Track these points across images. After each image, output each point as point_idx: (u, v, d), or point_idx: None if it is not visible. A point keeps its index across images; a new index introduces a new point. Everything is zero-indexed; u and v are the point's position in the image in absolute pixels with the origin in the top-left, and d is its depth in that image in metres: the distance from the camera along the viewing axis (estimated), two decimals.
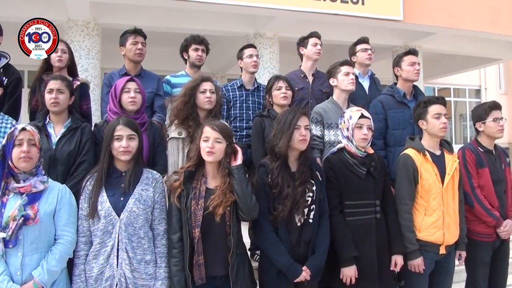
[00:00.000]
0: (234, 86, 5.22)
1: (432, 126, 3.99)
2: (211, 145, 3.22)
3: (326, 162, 3.87)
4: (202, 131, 3.32)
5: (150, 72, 5.09)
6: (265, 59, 9.39)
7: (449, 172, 3.96)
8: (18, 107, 4.65)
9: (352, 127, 3.77)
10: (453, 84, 16.60)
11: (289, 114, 3.56)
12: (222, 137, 3.25)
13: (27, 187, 3.06)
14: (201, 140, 3.30)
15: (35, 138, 3.12)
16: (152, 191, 3.31)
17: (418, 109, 4.10)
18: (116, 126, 3.28)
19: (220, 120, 4.06)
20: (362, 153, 3.80)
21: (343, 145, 3.87)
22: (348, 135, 3.81)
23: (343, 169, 3.76)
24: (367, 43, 5.66)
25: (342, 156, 3.82)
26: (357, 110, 3.86)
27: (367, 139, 3.76)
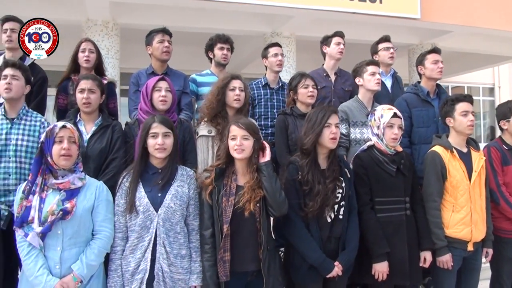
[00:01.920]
0: (259, 84, 5.28)
1: (459, 124, 4.02)
2: (239, 143, 3.28)
3: (356, 159, 3.90)
4: (229, 130, 3.38)
5: (176, 70, 5.13)
6: None
7: (476, 169, 4.00)
8: (44, 105, 4.72)
9: (383, 126, 3.80)
10: (466, 83, 16.56)
11: (319, 112, 3.61)
12: (248, 134, 3.30)
13: (65, 183, 3.11)
14: (229, 139, 3.35)
15: (75, 136, 3.17)
16: (187, 187, 3.37)
17: (445, 107, 4.13)
18: (151, 123, 3.33)
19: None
20: (392, 151, 3.84)
21: (372, 142, 3.91)
22: (378, 133, 3.85)
23: (374, 166, 3.80)
24: (389, 42, 5.67)
25: (372, 153, 3.86)
26: (388, 109, 3.90)
27: (397, 139, 3.81)
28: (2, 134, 3.76)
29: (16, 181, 3.70)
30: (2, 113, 3.84)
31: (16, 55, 4.66)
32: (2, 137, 3.75)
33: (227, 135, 3.39)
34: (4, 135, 3.76)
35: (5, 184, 3.71)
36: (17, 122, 3.83)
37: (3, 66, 3.91)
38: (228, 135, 3.36)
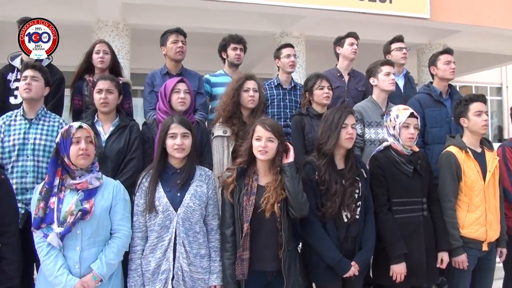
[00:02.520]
0: (271, 85, 5.28)
1: (473, 124, 4.03)
2: (264, 144, 3.29)
3: (373, 160, 3.90)
4: (254, 129, 3.38)
5: (191, 70, 5.15)
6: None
7: (490, 170, 4.01)
8: (61, 106, 4.77)
9: (399, 126, 3.81)
10: (474, 82, 16.53)
11: (336, 113, 3.62)
12: (274, 136, 3.31)
13: (83, 183, 3.13)
14: (254, 139, 3.36)
15: (91, 136, 3.19)
16: (205, 187, 3.39)
17: (459, 107, 4.14)
18: (170, 124, 3.36)
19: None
20: (408, 151, 3.84)
21: (389, 143, 3.92)
22: (394, 134, 3.85)
23: (391, 167, 3.80)
24: (402, 42, 5.69)
25: (389, 154, 3.86)
26: (404, 109, 3.90)
27: (413, 138, 3.81)
28: (20, 133, 3.80)
29: (33, 180, 3.75)
30: (21, 113, 3.88)
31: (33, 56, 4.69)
32: (21, 137, 3.79)
33: (251, 134, 3.40)
34: (22, 134, 3.80)
35: (22, 182, 3.74)
36: (36, 122, 3.87)
37: (23, 68, 3.96)
38: (253, 135, 3.37)
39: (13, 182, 3.66)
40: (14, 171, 3.74)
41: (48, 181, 3.14)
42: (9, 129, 3.82)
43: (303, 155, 4.22)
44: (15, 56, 4.79)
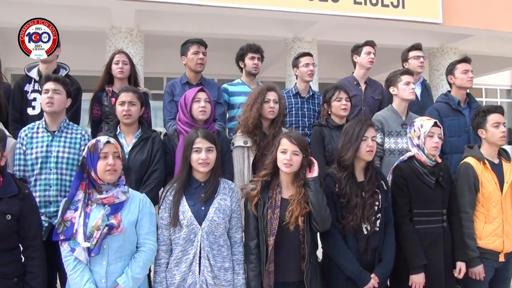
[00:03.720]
0: (290, 93, 5.31)
1: (491, 135, 4.05)
2: (289, 158, 3.32)
3: (397, 170, 3.92)
4: (280, 142, 3.41)
5: (210, 80, 5.20)
6: None
7: (507, 181, 4.02)
8: (78, 116, 4.79)
9: (424, 135, 3.83)
10: (484, 84, 16.50)
11: (356, 126, 3.64)
12: (299, 150, 3.34)
13: (110, 198, 3.15)
14: (279, 152, 3.39)
15: (118, 151, 3.21)
16: (229, 200, 3.42)
17: (477, 118, 4.15)
18: (195, 138, 3.38)
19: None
20: (432, 162, 3.86)
21: (412, 153, 3.94)
22: (419, 143, 3.87)
23: (414, 178, 3.82)
24: (420, 50, 5.72)
25: (412, 164, 3.88)
26: (427, 119, 3.94)
27: (438, 147, 3.83)
28: (43, 146, 3.81)
29: (56, 193, 3.77)
30: (43, 126, 3.90)
31: (50, 67, 4.73)
32: (43, 150, 3.80)
33: (276, 146, 3.43)
34: (45, 147, 3.81)
35: (45, 195, 3.76)
36: (58, 135, 3.88)
37: (44, 80, 3.97)
38: (278, 147, 3.40)
39: (37, 195, 3.68)
40: (37, 184, 3.75)
41: (69, 194, 3.19)
42: (31, 141, 3.84)
43: (323, 166, 4.24)
44: (32, 67, 4.80)
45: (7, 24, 8.12)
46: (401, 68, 5.72)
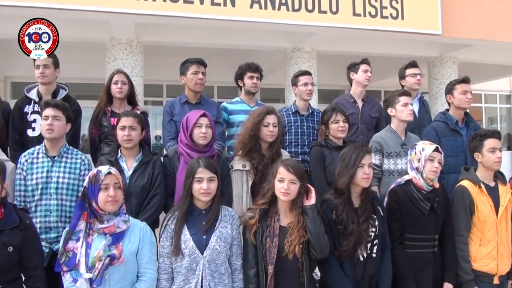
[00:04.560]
0: (289, 111, 5.34)
1: (487, 160, 4.08)
2: (287, 187, 3.36)
3: (392, 194, 3.96)
4: (277, 171, 3.44)
5: (209, 99, 5.22)
6: None
7: (503, 204, 4.06)
8: (78, 138, 4.86)
9: (424, 158, 3.86)
10: (483, 90, 16.50)
11: (353, 152, 3.67)
12: (296, 178, 3.38)
13: (111, 227, 3.18)
14: (276, 180, 3.42)
15: (119, 181, 3.24)
16: (230, 228, 3.45)
17: (474, 142, 4.19)
18: (197, 168, 3.41)
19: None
20: (428, 187, 3.89)
21: (410, 177, 3.96)
22: (418, 166, 3.90)
23: (408, 203, 3.86)
24: (416, 67, 5.74)
25: (408, 189, 3.91)
26: (429, 143, 3.97)
27: (437, 172, 3.86)
28: (43, 172, 3.84)
29: (57, 218, 3.81)
30: (43, 151, 3.92)
31: (50, 88, 4.77)
32: (44, 175, 3.83)
33: (274, 174, 3.46)
34: (45, 173, 3.84)
35: (46, 221, 3.79)
36: (58, 160, 3.90)
37: (43, 106, 3.99)
38: (276, 175, 3.43)
39: (37, 221, 3.74)
40: (38, 210, 3.79)
41: (71, 224, 3.22)
42: (31, 167, 3.86)
43: (325, 186, 4.29)
44: (31, 87, 4.83)
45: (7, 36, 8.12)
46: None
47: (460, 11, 9.13)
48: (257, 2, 7.80)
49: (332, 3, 8.19)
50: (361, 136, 5.30)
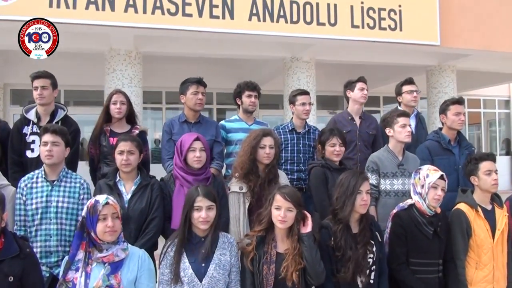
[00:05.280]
0: (286, 129, 5.37)
1: (484, 183, 4.11)
2: (284, 215, 3.40)
3: (396, 219, 3.98)
4: (274, 198, 3.48)
5: (208, 118, 5.29)
6: (302, 83, 9.50)
7: (499, 228, 4.09)
8: (76, 159, 4.85)
9: (428, 185, 3.89)
10: (482, 95, 16.52)
11: (351, 179, 3.70)
12: (293, 206, 3.41)
13: (109, 256, 3.22)
14: (273, 208, 3.46)
15: (117, 211, 3.27)
16: (228, 255, 3.49)
17: (469, 165, 4.22)
18: (196, 197, 3.44)
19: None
20: (431, 212, 3.93)
21: (413, 201, 4.00)
22: (421, 192, 3.93)
23: (412, 227, 3.90)
24: (413, 84, 5.77)
25: (411, 213, 3.95)
26: (434, 170, 4.00)
27: (439, 200, 3.90)
28: (43, 196, 3.86)
29: (57, 243, 3.83)
30: (42, 175, 3.95)
31: (48, 109, 4.81)
32: (43, 200, 3.85)
33: (270, 201, 3.50)
34: (45, 197, 3.86)
35: (46, 246, 3.81)
36: (57, 184, 3.93)
37: (42, 131, 4.01)
38: (272, 203, 3.48)
39: (37, 246, 3.77)
40: (38, 235, 3.81)
41: (70, 254, 3.25)
42: (31, 192, 3.88)
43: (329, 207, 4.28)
44: (30, 108, 4.86)
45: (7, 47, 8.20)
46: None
47: (458, 22, 9.16)
48: (256, 15, 7.83)
49: (330, 15, 8.22)
50: (359, 153, 5.33)
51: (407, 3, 8.72)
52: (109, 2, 7.08)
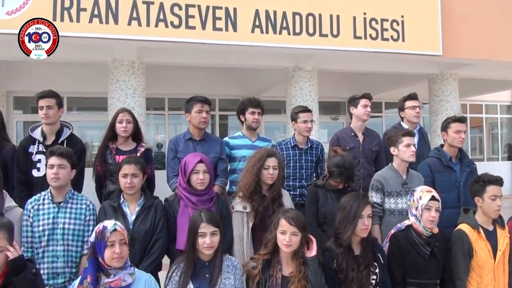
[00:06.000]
0: (288, 145, 5.40)
1: (487, 206, 4.13)
2: (289, 239, 3.44)
3: (393, 239, 4.04)
4: (279, 223, 3.52)
5: (213, 136, 5.33)
6: (304, 92, 9.55)
7: (500, 248, 4.12)
8: (82, 176, 4.87)
9: (421, 208, 3.94)
10: (484, 101, 16.57)
11: (353, 203, 3.75)
12: (298, 230, 3.46)
13: (117, 281, 3.26)
14: (278, 232, 3.50)
15: (125, 237, 3.31)
16: (233, 278, 3.54)
17: (476, 185, 4.22)
18: (200, 223, 3.50)
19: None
20: (428, 233, 3.97)
21: (410, 222, 4.05)
22: (416, 214, 3.99)
23: (409, 248, 3.94)
24: (416, 100, 5.78)
25: (408, 234, 4.00)
26: (427, 191, 4.03)
27: (434, 221, 3.93)
28: (50, 218, 3.90)
29: (64, 264, 3.87)
30: (49, 197, 3.99)
31: (54, 128, 4.85)
32: (50, 221, 3.89)
33: (275, 225, 3.54)
34: (51, 219, 3.90)
35: (53, 267, 3.85)
36: (64, 206, 3.97)
37: (48, 154, 4.04)
38: (277, 227, 3.52)
39: (44, 267, 3.81)
40: (45, 256, 3.85)
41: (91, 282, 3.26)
42: (38, 213, 3.92)
43: (315, 228, 4.37)
44: (35, 127, 4.90)
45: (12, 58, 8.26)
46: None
47: (461, 32, 9.18)
48: (259, 26, 7.87)
49: (333, 26, 8.27)
50: (362, 169, 5.37)
51: (410, 13, 8.76)
52: (113, 15, 7.13)
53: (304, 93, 9.51)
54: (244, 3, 7.83)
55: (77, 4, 6.95)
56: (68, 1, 6.88)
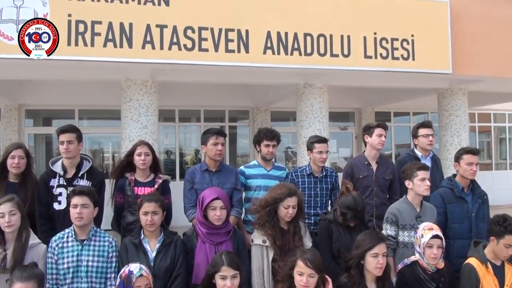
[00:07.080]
0: (304, 173, 5.52)
1: (500, 251, 4.24)
2: (306, 281, 3.55)
3: (400, 275, 4.17)
4: (297, 264, 3.65)
5: (228, 166, 5.47)
6: (315, 108, 9.59)
7: (507, 284, 4.24)
8: (101, 209, 4.93)
9: (423, 245, 4.05)
10: (493, 110, 16.55)
11: (369, 241, 3.85)
12: (315, 272, 3.55)
13: None
14: (295, 272, 3.63)
15: (150, 281, 3.42)
16: None
17: (495, 227, 4.26)
18: (221, 266, 3.61)
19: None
20: (433, 269, 4.09)
21: (416, 258, 4.16)
22: (420, 251, 4.11)
23: (415, 283, 4.07)
24: (429, 128, 5.87)
25: (414, 270, 4.13)
26: (429, 229, 4.14)
27: (436, 258, 4.04)
28: (74, 256, 4.02)
29: None
30: (72, 235, 4.10)
31: (74, 162, 4.97)
32: (74, 259, 4.01)
33: (293, 265, 3.66)
34: (76, 257, 4.02)
35: None
36: (87, 243, 4.09)
37: (71, 194, 4.15)
38: (295, 268, 3.63)
39: None
40: None
41: None
42: (62, 251, 4.04)
43: (330, 263, 4.46)
44: (55, 161, 5.02)
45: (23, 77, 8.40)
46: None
47: (470, 50, 9.21)
48: (270, 48, 7.94)
49: (344, 46, 8.32)
50: (375, 198, 5.46)
51: (420, 32, 8.80)
52: (127, 39, 7.20)
53: (315, 110, 9.55)
54: (256, 25, 7.90)
55: (91, 29, 7.02)
56: (82, 26, 6.94)
